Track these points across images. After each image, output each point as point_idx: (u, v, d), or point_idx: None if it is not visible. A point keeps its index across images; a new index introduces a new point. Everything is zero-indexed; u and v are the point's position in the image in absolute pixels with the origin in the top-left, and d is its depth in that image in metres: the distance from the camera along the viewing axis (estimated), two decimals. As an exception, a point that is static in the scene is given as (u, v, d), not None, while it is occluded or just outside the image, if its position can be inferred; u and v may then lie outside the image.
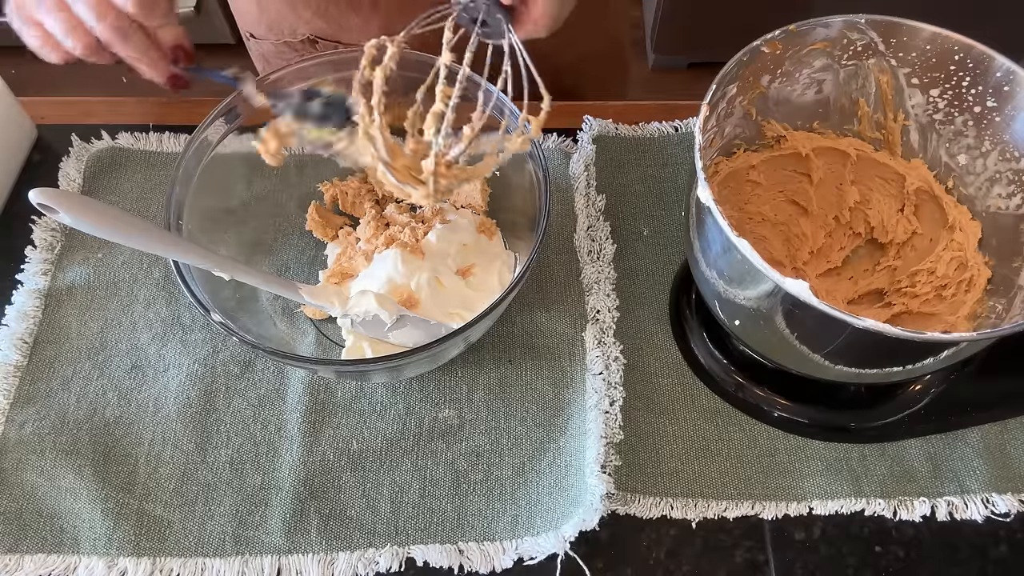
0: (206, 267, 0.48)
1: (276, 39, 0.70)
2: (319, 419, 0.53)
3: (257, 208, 0.59)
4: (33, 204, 0.42)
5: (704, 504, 0.51)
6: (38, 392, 0.54)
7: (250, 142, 0.56)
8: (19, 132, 0.65)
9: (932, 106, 0.53)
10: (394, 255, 0.55)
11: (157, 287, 0.58)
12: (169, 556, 0.49)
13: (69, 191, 0.62)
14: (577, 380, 0.55)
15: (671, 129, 0.67)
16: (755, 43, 0.49)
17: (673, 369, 0.56)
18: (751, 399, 0.55)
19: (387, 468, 0.52)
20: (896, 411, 0.53)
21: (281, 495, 0.51)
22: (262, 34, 0.71)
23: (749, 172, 0.56)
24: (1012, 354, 0.53)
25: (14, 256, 0.59)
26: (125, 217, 0.46)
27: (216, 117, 0.52)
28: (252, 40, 0.74)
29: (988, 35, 0.49)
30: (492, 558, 0.49)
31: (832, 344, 0.44)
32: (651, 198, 0.64)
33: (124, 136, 0.65)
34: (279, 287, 0.52)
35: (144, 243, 0.46)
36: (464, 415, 0.54)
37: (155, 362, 0.55)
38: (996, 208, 0.52)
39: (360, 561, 0.49)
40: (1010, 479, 0.52)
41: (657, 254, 0.61)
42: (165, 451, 0.52)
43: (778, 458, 0.53)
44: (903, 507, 0.51)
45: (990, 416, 0.54)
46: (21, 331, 0.56)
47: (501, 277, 0.57)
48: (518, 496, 0.51)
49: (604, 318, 0.57)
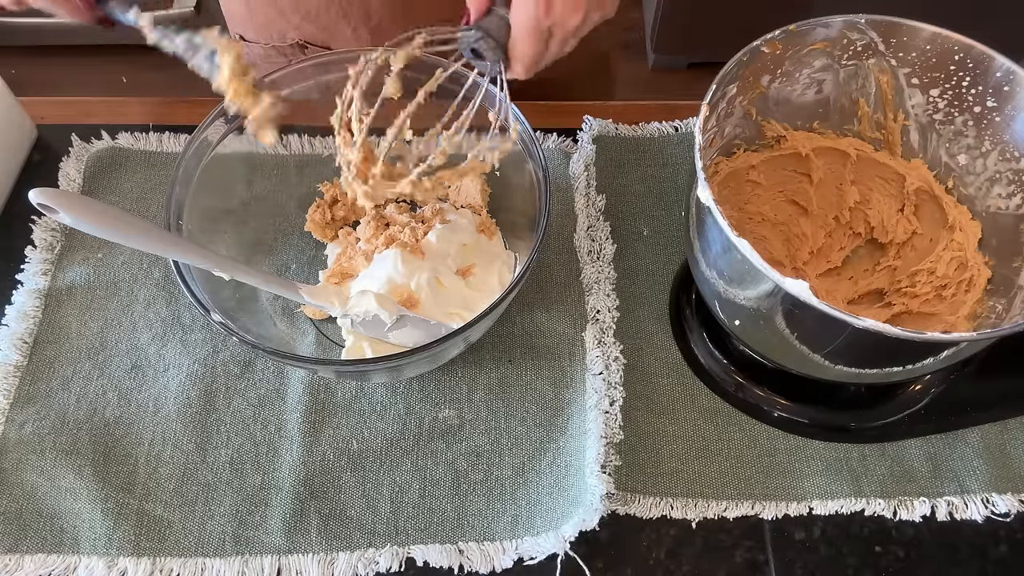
0: (206, 267, 0.48)
1: (265, 43, 0.70)
2: (319, 419, 0.53)
3: (257, 208, 0.59)
4: (33, 204, 0.42)
5: (704, 504, 0.51)
6: (38, 392, 0.54)
7: (250, 142, 0.57)
8: (19, 132, 0.65)
9: (932, 106, 0.53)
10: (394, 255, 0.55)
11: (157, 287, 0.58)
12: (169, 556, 0.49)
13: (69, 191, 0.62)
14: (577, 380, 0.55)
15: (671, 129, 0.67)
16: (755, 43, 0.49)
17: (673, 369, 0.56)
18: (751, 399, 0.55)
19: (387, 468, 0.52)
20: (896, 411, 0.53)
21: (281, 495, 0.51)
22: (252, 37, 0.71)
23: (749, 172, 0.56)
24: (1012, 354, 0.53)
25: (14, 256, 0.59)
26: (125, 217, 0.46)
27: (216, 117, 0.53)
28: (242, 43, 0.73)
29: (988, 35, 0.49)
30: (492, 558, 0.49)
31: (832, 344, 0.44)
32: (651, 198, 0.64)
33: (124, 136, 0.65)
34: (279, 287, 0.52)
35: (144, 243, 0.46)
36: (464, 415, 0.54)
37: (155, 362, 0.55)
38: (996, 208, 0.52)
39: (360, 561, 0.49)
40: (1010, 479, 0.52)
41: (657, 254, 0.61)
42: (165, 451, 0.52)
43: (778, 458, 0.53)
44: (903, 507, 0.51)
45: (990, 416, 0.54)
46: (21, 331, 0.56)
47: (501, 277, 0.57)
48: (518, 496, 0.51)
49: (604, 318, 0.57)
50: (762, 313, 0.45)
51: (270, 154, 0.61)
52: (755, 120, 0.56)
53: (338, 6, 0.64)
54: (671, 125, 0.68)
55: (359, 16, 0.64)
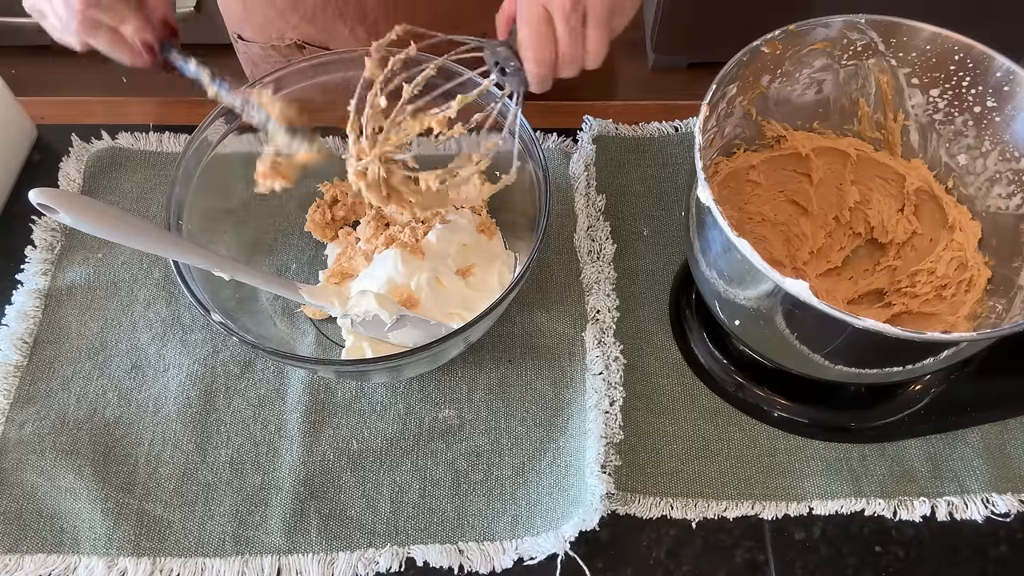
0: (206, 267, 0.48)
1: (264, 42, 0.70)
2: (319, 419, 0.53)
3: (257, 208, 0.59)
4: (33, 204, 0.42)
5: (704, 504, 0.51)
6: (38, 392, 0.54)
7: (250, 142, 0.57)
8: (19, 132, 0.65)
9: (932, 106, 0.53)
10: (394, 255, 0.55)
11: (157, 287, 0.58)
12: (169, 556, 0.49)
13: (69, 191, 0.62)
14: (577, 380, 0.55)
15: (671, 129, 0.67)
16: (755, 43, 0.49)
17: (673, 369, 0.56)
18: (751, 399, 0.54)
19: (387, 468, 0.52)
20: (896, 411, 0.53)
21: (281, 495, 0.51)
22: (249, 36, 0.71)
23: (749, 172, 0.56)
24: (1012, 354, 0.53)
25: (14, 256, 0.59)
26: (125, 217, 0.46)
27: (216, 117, 0.53)
28: (240, 42, 0.73)
29: (988, 35, 0.49)
30: (492, 558, 0.49)
31: (832, 344, 0.44)
32: (651, 198, 0.64)
33: (124, 136, 0.65)
34: (279, 287, 0.52)
35: (144, 243, 0.46)
36: (464, 415, 0.54)
37: (155, 362, 0.55)
38: (996, 208, 0.52)
39: (360, 561, 0.49)
40: (1010, 479, 0.52)
41: (657, 254, 0.61)
42: (165, 451, 0.52)
43: (778, 458, 0.53)
44: (903, 507, 0.51)
45: (990, 416, 0.54)
46: (21, 331, 0.56)
47: (501, 277, 0.57)
48: (518, 496, 0.51)
49: (604, 318, 0.57)
50: (762, 313, 0.45)
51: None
52: (755, 120, 0.56)
53: (334, 6, 0.64)
54: (671, 125, 0.68)
55: (355, 16, 0.64)
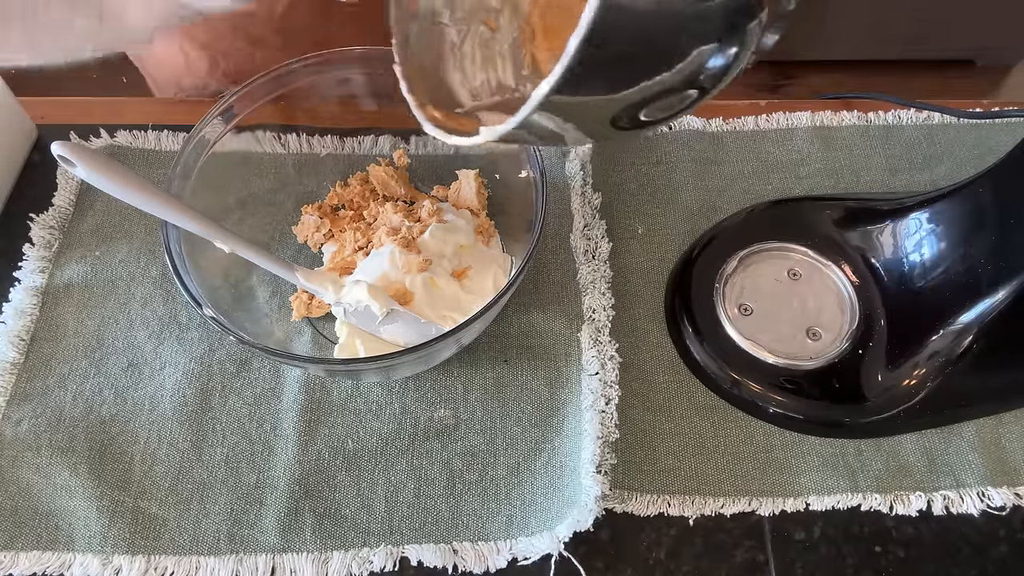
0: (209, 236, 0.50)
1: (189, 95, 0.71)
2: (315, 418, 0.53)
3: (255, 207, 0.59)
4: (54, 156, 0.45)
5: (701, 501, 0.51)
6: (35, 389, 0.54)
7: (247, 141, 0.57)
8: (19, 132, 0.65)
9: None
10: (390, 251, 0.55)
11: (154, 285, 0.59)
12: (164, 554, 0.49)
13: (90, 146, 0.63)
14: (573, 380, 0.55)
15: (664, 127, 0.68)
16: None
17: (669, 366, 0.56)
18: (747, 395, 0.54)
19: (382, 467, 0.52)
20: (891, 406, 0.53)
21: (276, 494, 0.51)
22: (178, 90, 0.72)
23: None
24: (1006, 348, 0.53)
25: (14, 256, 0.59)
26: (136, 179, 0.48)
27: (214, 116, 0.53)
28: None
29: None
30: (486, 558, 0.49)
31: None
32: (644, 195, 0.64)
33: (122, 134, 0.65)
34: (277, 266, 0.53)
35: (149, 204, 0.48)
36: (459, 415, 0.54)
37: (151, 360, 0.55)
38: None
39: (354, 560, 0.49)
40: (1005, 472, 0.52)
41: (652, 251, 0.61)
42: (161, 449, 0.52)
43: (774, 454, 0.53)
44: (899, 501, 0.51)
45: (984, 410, 0.54)
46: (18, 328, 0.56)
47: (496, 281, 0.57)
48: (513, 496, 0.51)
49: (599, 317, 0.57)
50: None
51: (268, 153, 0.61)
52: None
53: (243, 36, 0.65)
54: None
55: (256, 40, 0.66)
